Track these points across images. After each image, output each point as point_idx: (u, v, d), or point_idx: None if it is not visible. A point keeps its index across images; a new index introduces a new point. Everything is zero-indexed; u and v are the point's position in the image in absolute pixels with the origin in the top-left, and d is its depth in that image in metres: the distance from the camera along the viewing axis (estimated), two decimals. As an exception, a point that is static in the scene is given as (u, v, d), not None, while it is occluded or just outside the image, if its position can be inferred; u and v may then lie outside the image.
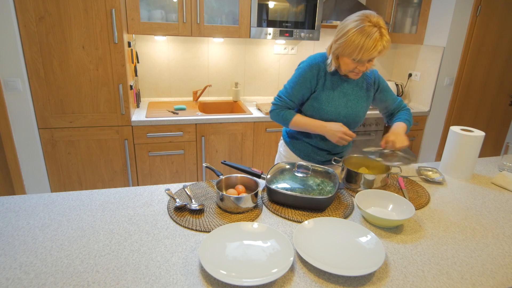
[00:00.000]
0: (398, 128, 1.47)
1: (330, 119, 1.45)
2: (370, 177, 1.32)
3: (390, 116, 1.63)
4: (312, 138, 1.53)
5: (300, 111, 1.53)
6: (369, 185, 1.33)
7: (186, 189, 1.29)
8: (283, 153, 1.67)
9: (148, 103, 2.72)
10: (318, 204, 1.17)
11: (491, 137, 3.43)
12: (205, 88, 2.81)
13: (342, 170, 1.39)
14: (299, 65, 1.47)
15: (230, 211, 1.16)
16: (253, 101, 2.97)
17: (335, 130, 1.38)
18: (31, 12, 1.91)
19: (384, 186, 1.37)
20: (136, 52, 2.58)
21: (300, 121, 1.45)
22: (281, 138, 1.70)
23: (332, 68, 1.39)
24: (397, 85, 3.17)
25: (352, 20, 1.26)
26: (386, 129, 3.05)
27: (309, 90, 1.45)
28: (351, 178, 1.35)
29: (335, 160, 1.51)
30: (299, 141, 1.58)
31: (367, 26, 1.22)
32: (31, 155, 2.17)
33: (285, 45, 3.03)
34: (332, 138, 1.39)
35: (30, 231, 1.02)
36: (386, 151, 1.42)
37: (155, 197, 1.25)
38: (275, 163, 1.73)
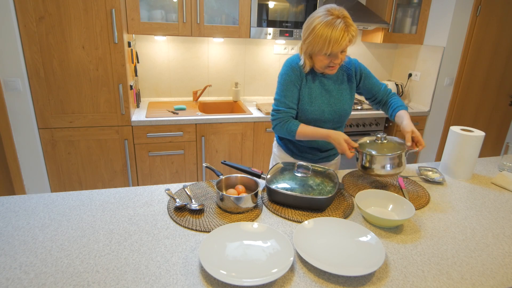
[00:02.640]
0: (409, 120, 1.40)
1: (315, 118, 1.45)
2: (384, 159, 1.28)
3: (379, 104, 1.58)
4: None
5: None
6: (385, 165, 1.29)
7: (186, 189, 1.29)
8: (276, 153, 1.66)
9: (148, 103, 2.72)
10: (318, 204, 1.17)
11: (491, 137, 3.43)
12: (205, 88, 2.81)
13: (357, 159, 1.37)
14: (280, 73, 1.46)
15: (230, 211, 1.16)
16: (253, 101, 2.97)
17: (339, 139, 1.32)
18: (31, 12, 1.91)
19: (400, 167, 1.31)
20: (136, 52, 2.58)
21: (305, 131, 1.41)
22: (274, 138, 1.69)
23: (307, 68, 1.39)
24: (397, 85, 3.17)
25: (316, 17, 1.26)
26: (386, 129, 3.05)
27: (298, 90, 1.44)
28: (368, 163, 1.32)
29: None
30: (290, 141, 1.58)
31: (331, 19, 1.22)
32: (31, 155, 2.17)
33: (285, 45, 3.03)
34: (338, 148, 1.35)
35: (30, 231, 1.02)
36: (378, 141, 1.36)
37: (155, 197, 1.25)
38: (270, 163, 1.73)
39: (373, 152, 1.31)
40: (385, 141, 1.35)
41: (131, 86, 2.30)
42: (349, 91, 1.49)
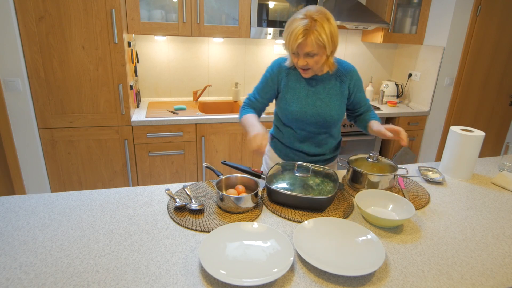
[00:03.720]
0: (380, 125, 1.39)
1: (296, 118, 1.43)
2: (375, 178, 1.31)
3: (356, 117, 1.55)
4: (287, 139, 1.51)
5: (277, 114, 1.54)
6: (374, 186, 1.32)
7: (186, 189, 1.29)
8: (267, 153, 1.65)
9: (148, 103, 2.72)
10: (318, 204, 1.17)
11: (491, 137, 3.43)
12: (205, 88, 2.81)
13: (348, 170, 1.39)
14: None
15: (230, 211, 1.16)
16: (253, 101, 2.97)
17: (251, 139, 1.22)
18: (31, 12, 1.91)
19: (391, 189, 1.34)
20: (136, 52, 2.58)
21: (245, 120, 1.40)
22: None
23: (289, 64, 1.41)
24: (397, 85, 3.17)
25: (297, 12, 1.27)
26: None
27: (273, 90, 1.46)
28: (356, 179, 1.35)
29: (340, 161, 1.50)
30: (278, 141, 1.57)
31: (300, 17, 1.22)
32: (31, 155, 2.17)
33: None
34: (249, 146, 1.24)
35: (30, 231, 1.02)
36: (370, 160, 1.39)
37: (155, 197, 1.25)
38: (262, 164, 1.72)
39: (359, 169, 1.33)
40: (377, 161, 1.38)
41: (131, 86, 2.30)
42: (339, 96, 1.43)
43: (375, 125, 1.39)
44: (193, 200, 1.21)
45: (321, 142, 1.50)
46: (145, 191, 1.29)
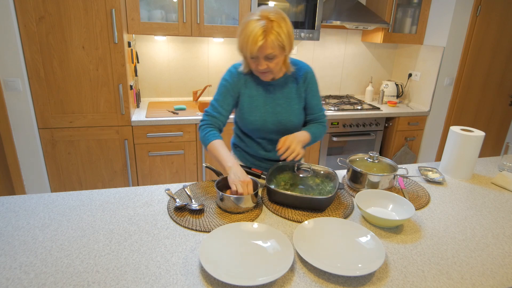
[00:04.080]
0: (298, 134, 1.31)
1: (257, 128, 1.37)
2: (375, 178, 1.31)
3: (303, 125, 1.48)
4: (250, 148, 1.46)
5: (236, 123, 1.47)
6: (374, 186, 1.32)
7: (186, 189, 1.29)
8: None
9: (148, 103, 2.72)
10: (318, 204, 1.17)
11: (491, 137, 3.43)
12: (205, 88, 2.81)
13: (348, 170, 1.39)
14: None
15: (230, 211, 1.16)
16: (253, 101, 2.97)
17: (233, 178, 1.16)
18: (31, 12, 1.91)
19: (391, 189, 1.35)
20: (136, 52, 2.58)
21: (213, 151, 1.27)
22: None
23: (245, 69, 1.33)
24: (397, 85, 3.17)
25: (249, 15, 1.19)
26: (386, 129, 3.05)
27: (234, 99, 1.36)
28: (356, 179, 1.35)
29: (340, 161, 1.48)
30: (242, 150, 1.51)
31: (256, 19, 1.15)
32: (31, 155, 2.17)
33: (285, 45, 3.02)
34: (231, 185, 1.17)
35: (30, 231, 1.02)
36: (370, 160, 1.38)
37: (155, 197, 1.25)
38: None
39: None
40: (377, 161, 1.38)
41: (131, 86, 2.30)
42: (297, 100, 1.38)
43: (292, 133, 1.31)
44: (193, 200, 1.21)
45: None
46: (145, 191, 1.29)
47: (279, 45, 1.18)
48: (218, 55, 2.90)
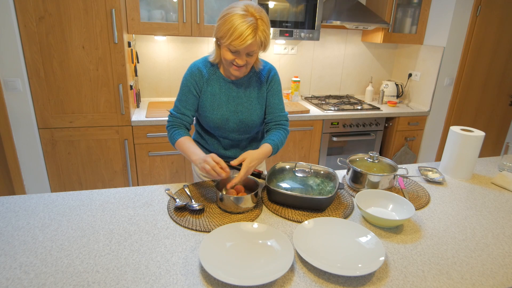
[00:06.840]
0: (259, 151, 1.25)
1: (218, 126, 1.36)
2: (375, 178, 1.31)
3: (264, 127, 1.45)
4: (211, 146, 1.46)
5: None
6: (374, 186, 1.32)
7: (186, 189, 1.29)
8: None
9: (148, 103, 2.72)
10: (318, 204, 1.17)
11: (491, 137, 3.43)
12: (205, 88, 2.80)
13: (348, 170, 1.39)
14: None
15: (230, 211, 1.16)
16: (253, 101, 2.97)
17: (202, 165, 1.15)
18: (31, 12, 1.91)
19: (391, 189, 1.35)
20: (136, 52, 2.58)
21: (182, 147, 1.29)
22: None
23: (215, 59, 1.30)
24: (397, 85, 3.17)
25: (232, 7, 1.17)
26: (386, 129, 3.05)
27: (196, 97, 1.35)
28: (356, 179, 1.35)
29: (340, 161, 1.49)
30: (203, 148, 1.50)
31: (244, 14, 1.14)
32: (31, 155, 2.17)
33: (285, 45, 3.03)
34: (202, 170, 1.18)
35: (30, 231, 1.02)
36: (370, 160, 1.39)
37: (155, 197, 1.25)
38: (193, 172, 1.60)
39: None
40: (377, 161, 1.38)
41: (131, 86, 2.30)
42: (259, 100, 1.37)
43: (255, 151, 1.25)
44: (193, 200, 1.21)
45: (245, 146, 1.47)
46: (145, 191, 1.29)
47: (262, 43, 1.20)
48: (218, 55, 2.89)
